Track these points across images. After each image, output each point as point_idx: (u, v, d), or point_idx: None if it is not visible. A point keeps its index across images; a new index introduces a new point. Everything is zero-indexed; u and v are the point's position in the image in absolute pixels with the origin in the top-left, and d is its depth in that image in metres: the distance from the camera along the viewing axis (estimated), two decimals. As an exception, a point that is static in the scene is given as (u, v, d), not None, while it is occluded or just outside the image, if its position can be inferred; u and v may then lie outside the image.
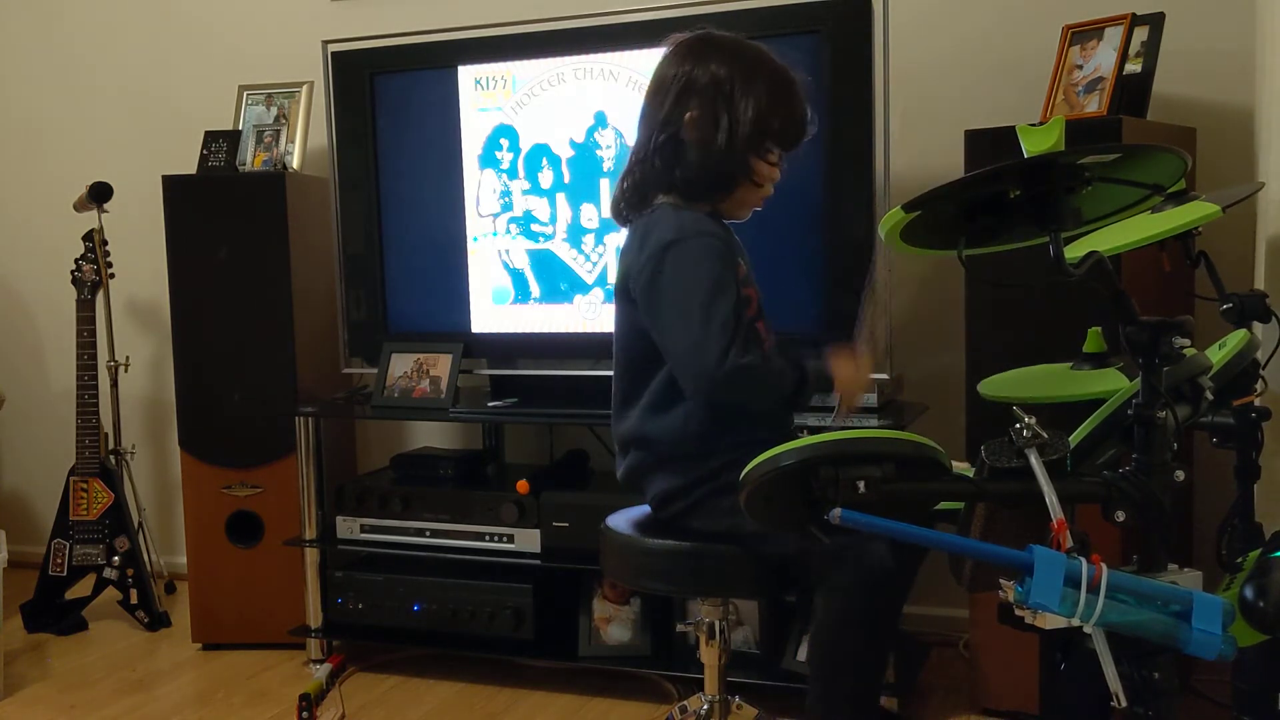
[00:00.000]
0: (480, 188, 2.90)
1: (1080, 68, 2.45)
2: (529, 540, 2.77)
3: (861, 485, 1.36)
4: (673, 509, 1.90)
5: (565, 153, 2.80)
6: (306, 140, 3.19)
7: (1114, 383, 1.74)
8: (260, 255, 3.01)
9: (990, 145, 2.35)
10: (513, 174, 2.86)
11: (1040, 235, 1.48)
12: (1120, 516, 1.39)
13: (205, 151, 3.15)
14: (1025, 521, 1.41)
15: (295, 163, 3.16)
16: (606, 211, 2.49)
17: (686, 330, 1.76)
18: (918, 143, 2.71)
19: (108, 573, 3.28)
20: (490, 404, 2.87)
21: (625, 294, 1.91)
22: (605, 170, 2.76)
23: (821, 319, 2.58)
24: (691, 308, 1.76)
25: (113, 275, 3.35)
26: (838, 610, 1.83)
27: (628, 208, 1.95)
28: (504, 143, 2.86)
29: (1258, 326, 1.84)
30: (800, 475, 1.40)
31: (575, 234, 2.81)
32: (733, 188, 1.89)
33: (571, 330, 2.83)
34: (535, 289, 2.86)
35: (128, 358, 3.46)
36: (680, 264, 1.79)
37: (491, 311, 2.91)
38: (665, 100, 1.87)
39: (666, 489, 1.90)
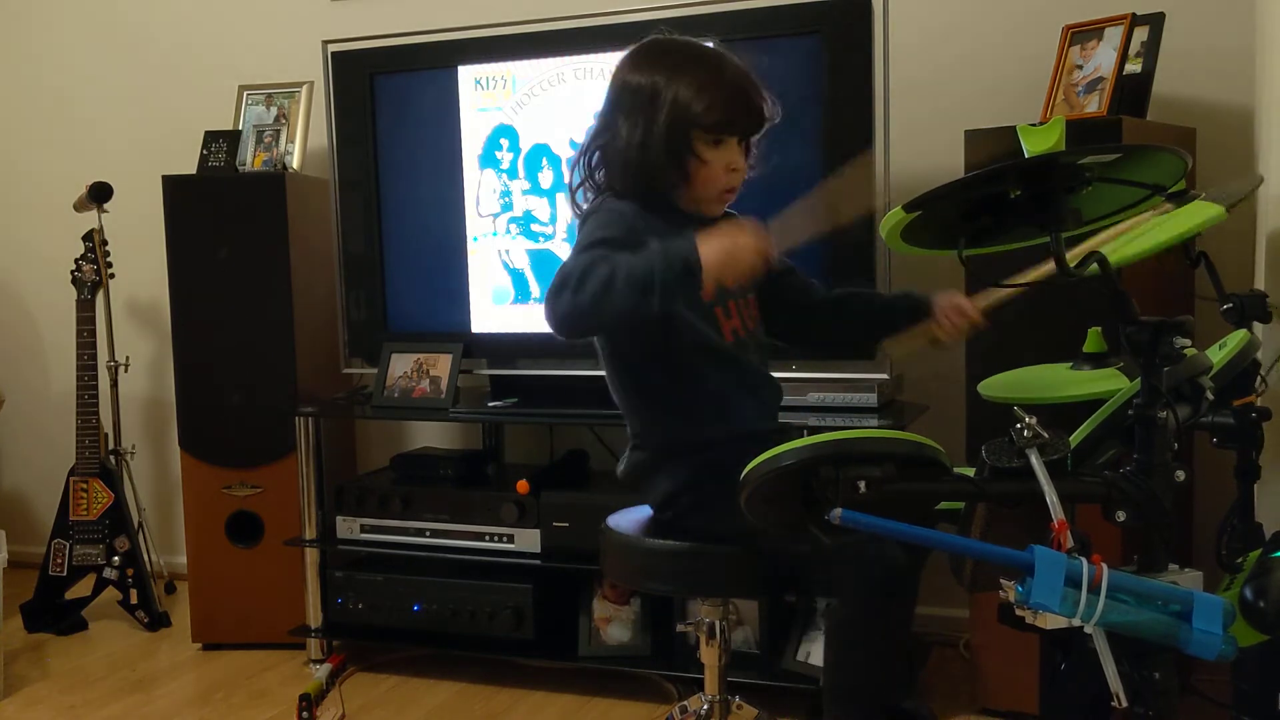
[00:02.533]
0: (480, 188, 2.89)
1: (1080, 68, 2.45)
2: (529, 540, 2.76)
3: (862, 485, 1.36)
4: (674, 508, 1.90)
5: (565, 153, 2.80)
6: (306, 140, 3.18)
7: (1114, 383, 1.73)
8: (260, 255, 3.01)
9: (990, 145, 2.34)
10: (513, 174, 2.86)
11: (1040, 235, 1.48)
12: (1120, 516, 1.39)
13: (205, 151, 3.15)
14: (1026, 522, 1.41)
15: (295, 163, 3.15)
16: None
17: None
18: (918, 143, 2.71)
19: (108, 573, 3.28)
20: (490, 404, 2.87)
21: None
22: (605, 170, 2.75)
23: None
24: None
25: (113, 275, 3.35)
26: (853, 611, 1.82)
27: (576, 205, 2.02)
28: (504, 143, 2.86)
29: (1258, 326, 1.84)
30: (800, 475, 1.40)
31: (575, 234, 2.80)
32: (660, 180, 1.84)
33: (571, 330, 2.82)
34: (535, 289, 2.86)
35: (128, 358, 3.45)
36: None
37: (491, 311, 2.91)
38: (602, 111, 1.90)
39: (668, 491, 1.89)
